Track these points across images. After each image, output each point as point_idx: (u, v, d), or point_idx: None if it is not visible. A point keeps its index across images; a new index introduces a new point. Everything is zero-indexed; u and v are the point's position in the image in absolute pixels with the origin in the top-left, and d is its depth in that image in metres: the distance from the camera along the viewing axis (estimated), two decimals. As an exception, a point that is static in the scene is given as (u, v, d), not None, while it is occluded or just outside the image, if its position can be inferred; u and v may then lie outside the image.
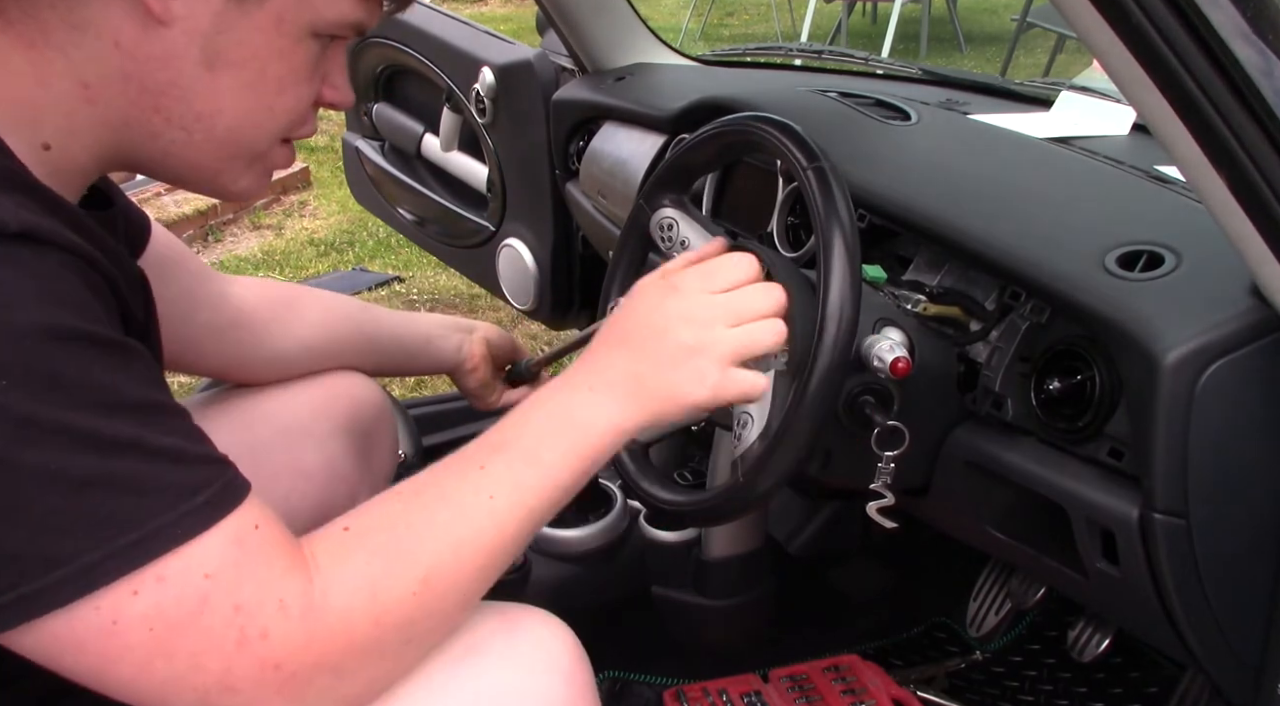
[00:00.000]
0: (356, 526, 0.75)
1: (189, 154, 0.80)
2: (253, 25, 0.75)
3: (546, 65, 1.99)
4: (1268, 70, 0.77)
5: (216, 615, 0.66)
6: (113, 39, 0.73)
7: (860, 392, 1.05)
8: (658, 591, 1.54)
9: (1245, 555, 0.95)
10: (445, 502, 0.77)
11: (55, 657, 0.66)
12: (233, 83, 0.77)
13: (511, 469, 0.81)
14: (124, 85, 0.75)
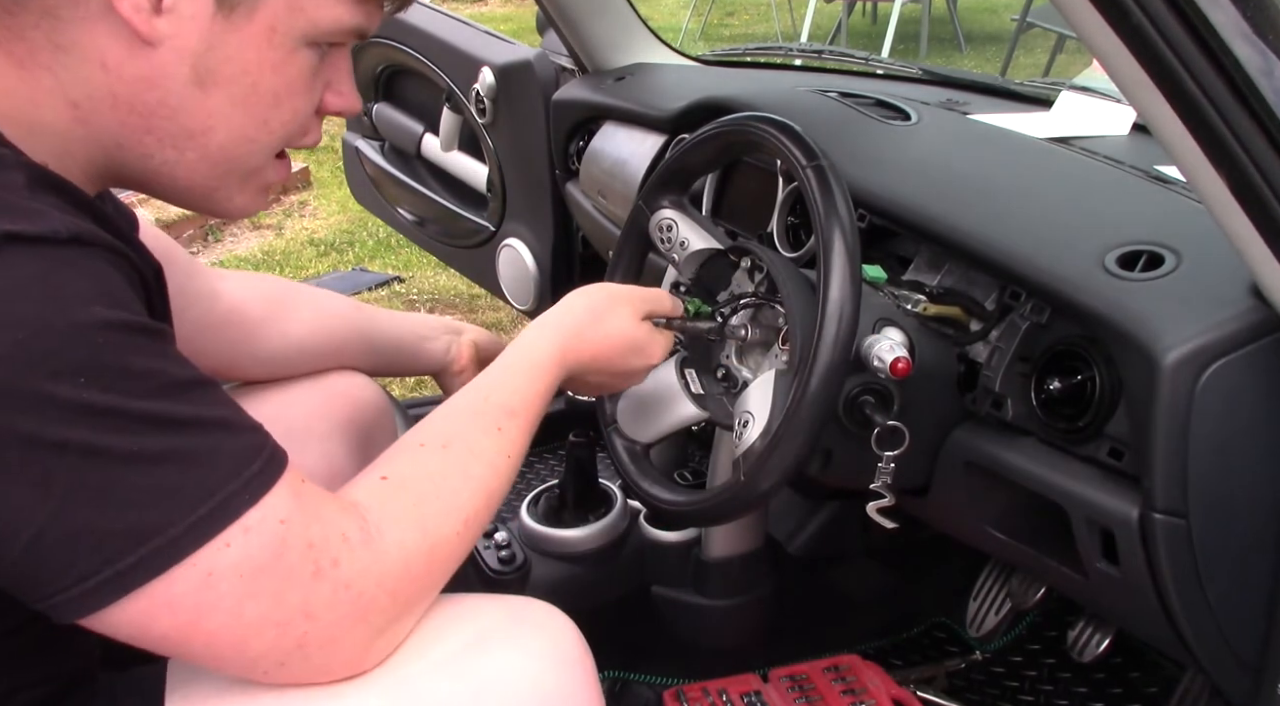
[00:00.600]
0: (394, 475, 0.83)
1: (182, 173, 0.79)
2: (243, 40, 0.74)
3: (546, 65, 1.99)
4: (1268, 70, 0.77)
5: (294, 553, 0.72)
6: (99, 60, 0.72)
7: (860, 392, 1.05)
8: (658, 591, 1.54)
9: (1245, 555, 0.95)
10: (477, 459, 0.86)
11: (145, 625, 0.69)
12: (225, 99, 0.76)
13: (522, 434, 0.91)
14: (113, 106, 0.74)
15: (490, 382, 0.93)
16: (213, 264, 3.66)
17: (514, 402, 0.92)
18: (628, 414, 1.20)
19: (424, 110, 2.27)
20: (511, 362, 0.96)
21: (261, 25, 0.74)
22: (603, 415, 1.22)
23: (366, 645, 0.77)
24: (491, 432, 0.88)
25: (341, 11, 0.77)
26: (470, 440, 0.87)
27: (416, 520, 0.80)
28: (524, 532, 1.55)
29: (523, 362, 0.96)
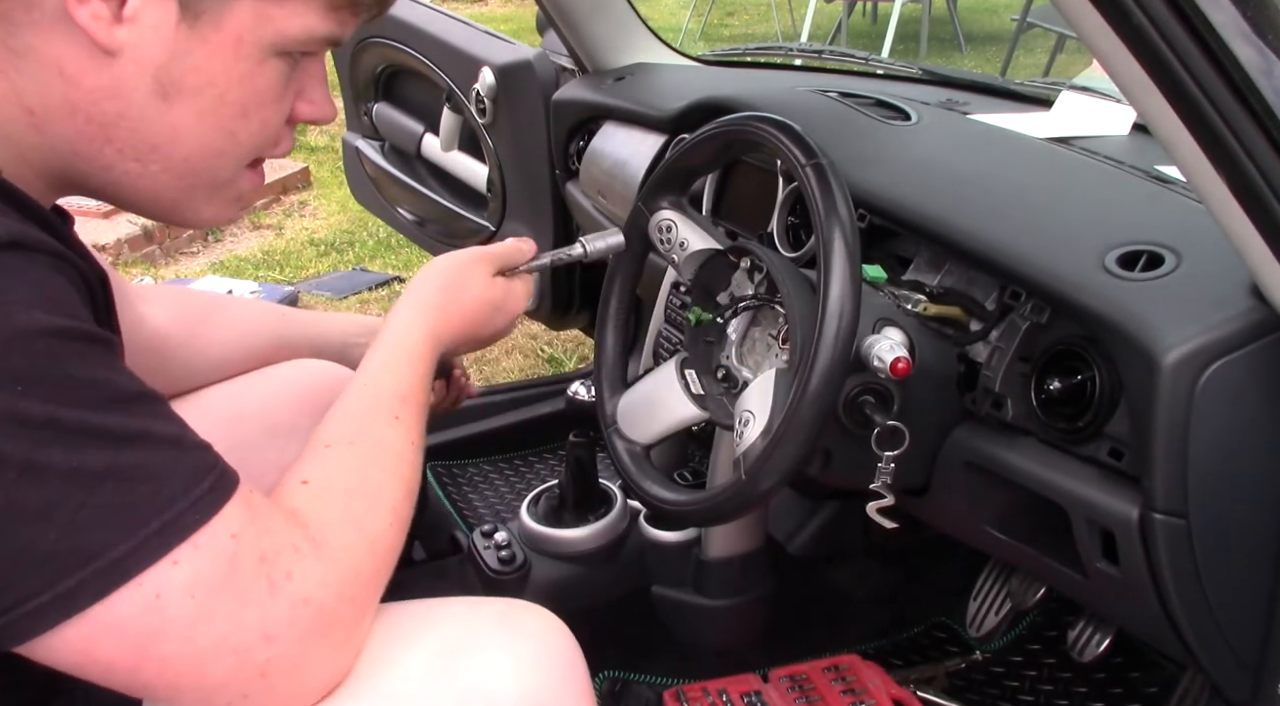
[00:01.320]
0: (315, 479, 0.80)
1: (145, 185, 0.77)
2: (209, 50, 0.71)
3: (546, 65, 1.99)
4: (1268, 70, 0.77)
5: (247, 568, 0.69)
6: (55, 67, 0.70)
7: (860, 393, 1.05)
8: (658, 591, 1.54)
9: (1245, 555, 0.95)
10: (386, 451, 0.85)
11: (89, 652, 0.66)
12: (189, 111, 0.73)
13: (418, 419, 0.90)
14: (70, 114, 0.71)
15: (375, 375, 0.92)
16: (212, 264, 3.66)
17: (403, 389, 0.91)
18: (628, 415, 1.20)
19: (424, 110, 2.27)
20: (389, 353, 0.94)
21: (229, 35, 0.71)
22: (603, 416, 1.22)
23: (332, 663, 0.74)
24: (391, 423, 0.87)
25: (313, 21, 0.74)
26: (374, 434, 0.86)
27: (352, 520, 0.78)
28: (524, 533, 1.55)
29: (400, 351, 0.95)
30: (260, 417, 1.19)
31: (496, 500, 2.04)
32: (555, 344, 2.96)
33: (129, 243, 3.62)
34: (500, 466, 2.17)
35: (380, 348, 0.94)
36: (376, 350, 0.94)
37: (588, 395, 1.94)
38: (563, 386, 2.10)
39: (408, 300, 1.00)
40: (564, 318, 2.22)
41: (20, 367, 0.62)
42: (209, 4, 0.70)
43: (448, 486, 2.05)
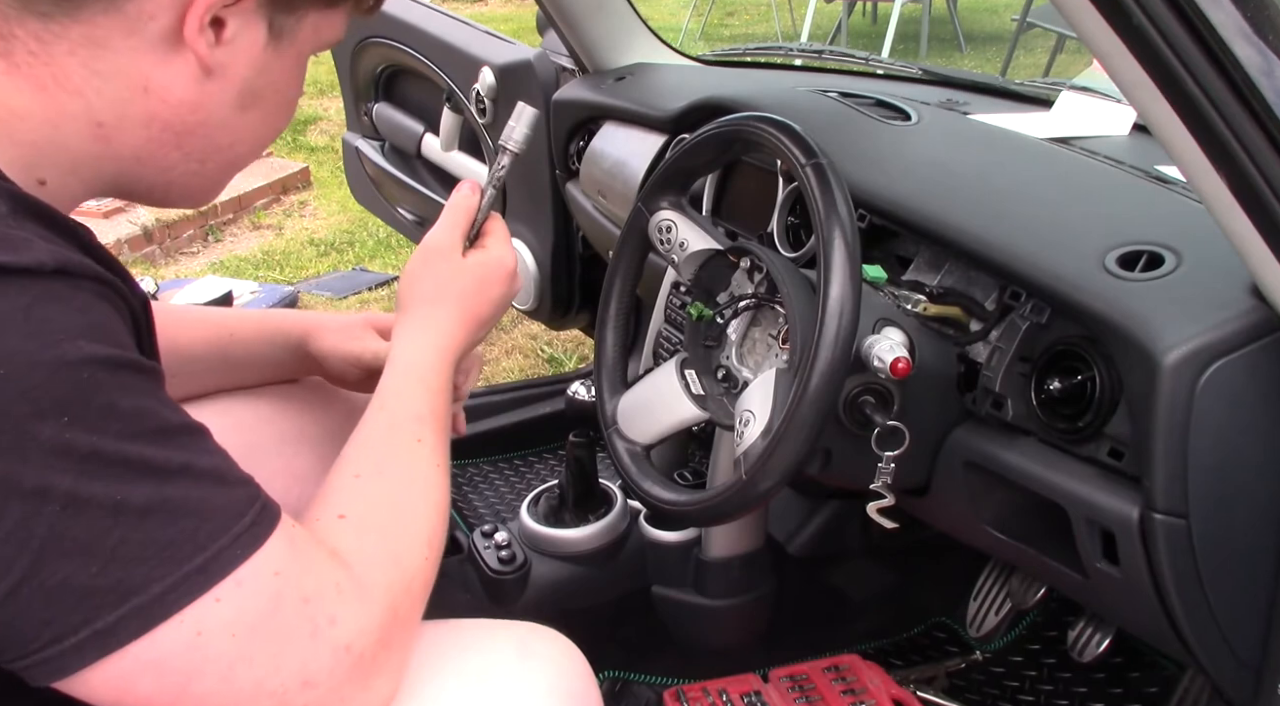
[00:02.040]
0: (351, 513, 0.79)
1: (194, 181, 0.82)
2: (283, 64, 0.79)
3: (546, 65, 1.99)
4: (1268, 70, 0.77)
5: (289, 609, 0.68)
6: (141, 86, 0.73)
7: (860, 392, 1.05)
8: (658, 591, 1.54)
9: (1245, 555, 0.95)
10: (413, 478, 0.85)
11: (127, 690, 0.65)
12: (258, 117, 0.80)
13: (438, 436, 0.90)
14: (146, 124, 0.75)
15: (391, 399, 0.91)
16: (213, 264, 3.66)
17: (420, 410, 0.90)
18: (628, 415, 1.20)
19: (424, 110, 2.27)
20: (400, 376, 0.94)
21: (296, 49, 0.79)
22: (603, 416, 1.22)
23: (369, 695, 0.73)
24: (414, 447, 0.87)
25: (339, 31, 0.82)
26: (401, 461, 0.85)
27: (391, 557, 0.77)
28: (524, 533, 1.55)
29: (410, 371, 0.94)
30: (272, 424, 1.19)
31: (496, 500, 2.04)
32: (555, 344, 2.96)
33: (129, 242, 3.62)
34: (500, 466, 2.17)
35: (391, 371, 0.94)
36: (388, 373, 0.93)
37: (588, 395, 1.94)
38: (563, 386, 2.10)
39: (404, 317, 0.99)
40: (564, 318, 2.22)
41: (66, 398, 0.62)
42: (291, 23, 0.77)
43: (448, 486, 2.05)
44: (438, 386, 0.93)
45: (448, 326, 0.98)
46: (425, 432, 0.88)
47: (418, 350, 0.95)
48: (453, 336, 0.98)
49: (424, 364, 0.94)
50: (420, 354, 0.95)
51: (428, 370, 0.94)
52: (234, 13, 0.73)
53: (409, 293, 1.00)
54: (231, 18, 0.73)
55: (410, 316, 0.99)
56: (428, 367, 0.94)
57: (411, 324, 0.98)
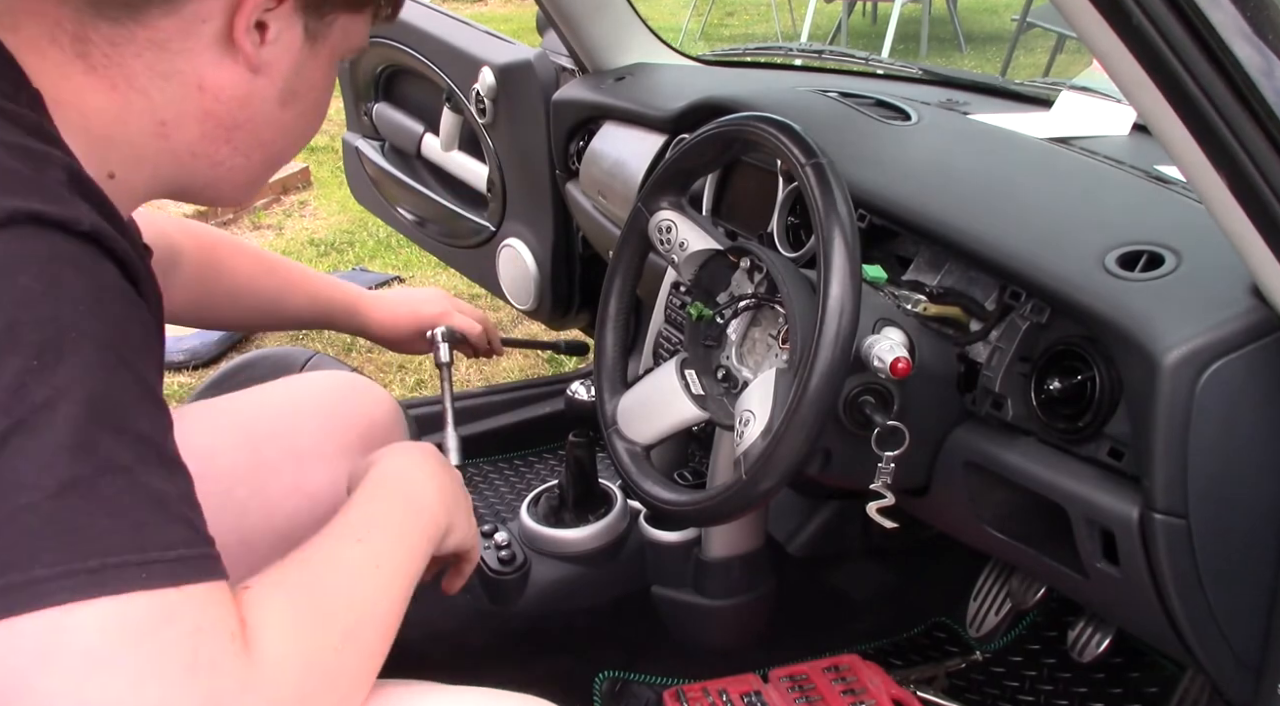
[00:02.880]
0: (261, 588, 0.73)
1: (239, 176, 0.88)
2: (317, 63, 0.85)
3: (546, 65, 1.99)
4: (1268, 70, 0.77)
5: (171, 635, 0.62)
6: (196, 84, 0.80)
7: (860, 392, 1.05)
8: (658, 591, 1.54)
9: (1245, 555, 0.95)
10: (340, 568, 0.79)
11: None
12: (297, 113, 0.86)
13: (387, 542, 0.84)
14: (201, 122, 0.82)
15: (360, 495, 0.89)
16: (213, 264, 3.65)
17: (370, 511, 0.87)
18: (628, 415, 1.20)
19: (424, 110, 2.27)
20: (373, 479, 0.92)
21: (328, 49, 0.85)
22: (603, 417, 1.22)
23: None
24: (350, 544, 0.82)
25: (364, 35, 0.89)
26: (330, 551, 0.80)
27: (295, 633, 0.71)
28: (524, 533, 1.55)
29: (375, 481, 0.92)
30: (281, 439, 1.19)
31: (496, 500, 2.04)
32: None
33: (129, 243, 3.62)
34: (500, 466, 2.17)
35: (366, 481, 0.91)
36: (362, 484, 0.91)
37: (587, 395, 1.94)
38: (563, 386, 2.10)
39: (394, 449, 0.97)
40: (564, 318, 2.22)
41: (43, 346, 0.62)
42: (321, 26, 0.84)
43: (448, 486, 2.05)
44: (408, 508, 0.90)
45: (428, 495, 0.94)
46: (371, 536, 0.83)
47: (400, 465, 0.94)
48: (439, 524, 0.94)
49: (398, 477, 0.92)
50: (398, 467, 0.94)
51: (386, 488, 0.91)
52: (275, 16, 0.80)
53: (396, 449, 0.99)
54: (273, 20, 0.80)
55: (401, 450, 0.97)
56: (400, 482, 0.92)
57: (399, 452, 0.97)
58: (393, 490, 0.92)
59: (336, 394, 1.25)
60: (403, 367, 2.84)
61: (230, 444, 1.13)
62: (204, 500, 0.71)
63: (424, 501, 0.93)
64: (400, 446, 0.99)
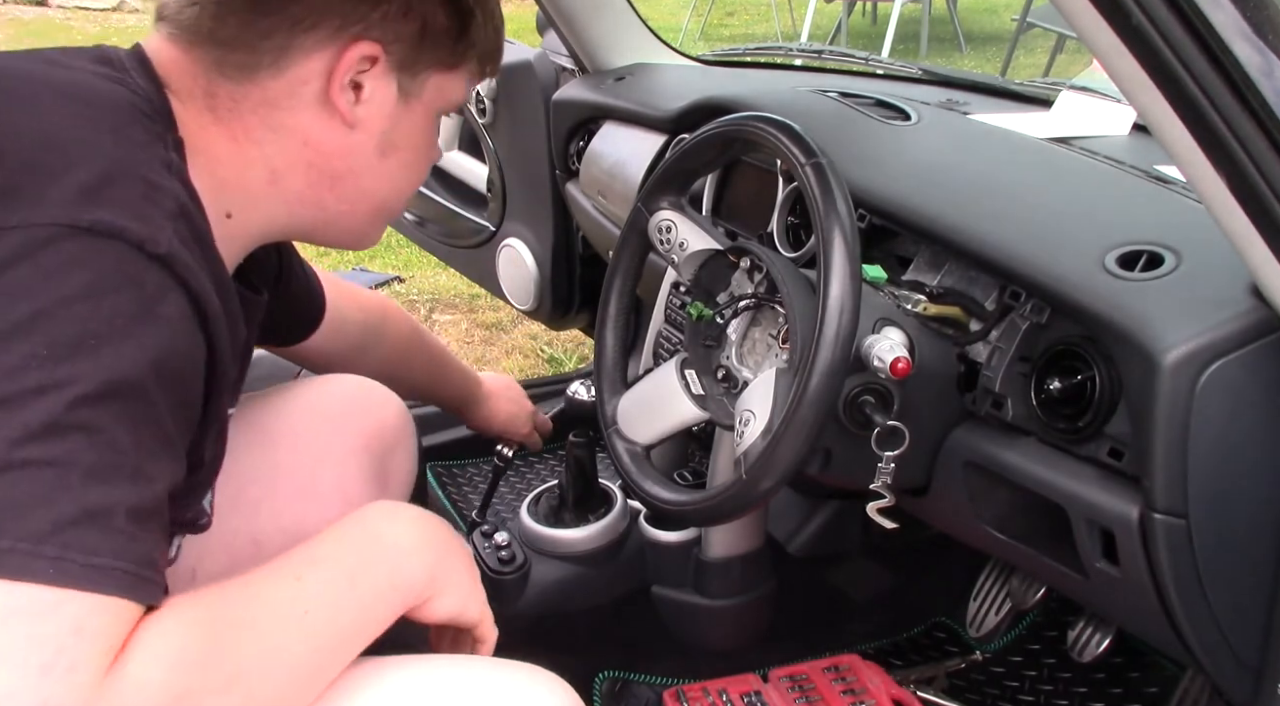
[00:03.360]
0: (166, 610, 0.70)
1: (346, 222, 0.96)
2: (413, 118, 0.92)
3: (546, 65, 1.99)
4: (1268, 70, 0.77)
5: (53, 626, 0.63)
6: (302, 137, 0.88)
7: (860, 392, 1.05)
8: (658, 591, 1.54)
9: (1245, 555, 0.95)
10: (261, 605, 0.75)
11: None
12: (397, 164, 0.94)
13: (326, 588, 0.79)
14: (306, 171, 0.90)
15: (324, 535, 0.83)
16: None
17: (318, 553, 0.81)
18: (628, 415, 1.20)
19: (424, 110, 2.27)
20: (347, 520, 0.86)
21: (424, 105, 0.93)
22: (603, 417, 1.22)
23: None
24: (285, 582, 0.77)
25: (462, 91, 0.96)
26: (259, 587, 0.76)
27: (174, 659, 0.67)
28: (524, 533, 1.55)
29: (353, 522, 0.85)
30: (292, 440, 1.20)
31: (496, 500, 2.04)
32: (555, 344, 2.97)
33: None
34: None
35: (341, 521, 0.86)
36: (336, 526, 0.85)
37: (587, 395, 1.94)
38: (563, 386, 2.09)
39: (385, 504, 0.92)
40: (564, 318, 2.22)
41: (61, 342, 0.66)
42: (415, 85, 0.91)
43: (447, 486, 2.05)
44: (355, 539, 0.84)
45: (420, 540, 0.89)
46: (310, 575, 0.78)
47: (378, 514, 0.88)
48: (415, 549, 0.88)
49: (370, 524, 0.86)
50: (375, 515, 0.88)
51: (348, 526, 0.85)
52: (369, 76, 0.88)
53: None
54: (367, 80, 0.88)
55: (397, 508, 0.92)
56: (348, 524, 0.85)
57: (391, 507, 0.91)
58: (360, 537, 0.85)
59: (346, 397, 1.26)
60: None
61: (242, 445, 1.14)
62: (219, 498, 0.72)
63: (397, 558, 0.85)
64: (397, 505, 0.92)
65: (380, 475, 1.25)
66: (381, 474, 1.26)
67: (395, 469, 1.29)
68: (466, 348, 3.00)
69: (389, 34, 0.88)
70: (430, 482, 2.02)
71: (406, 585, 0.85)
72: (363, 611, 0.81)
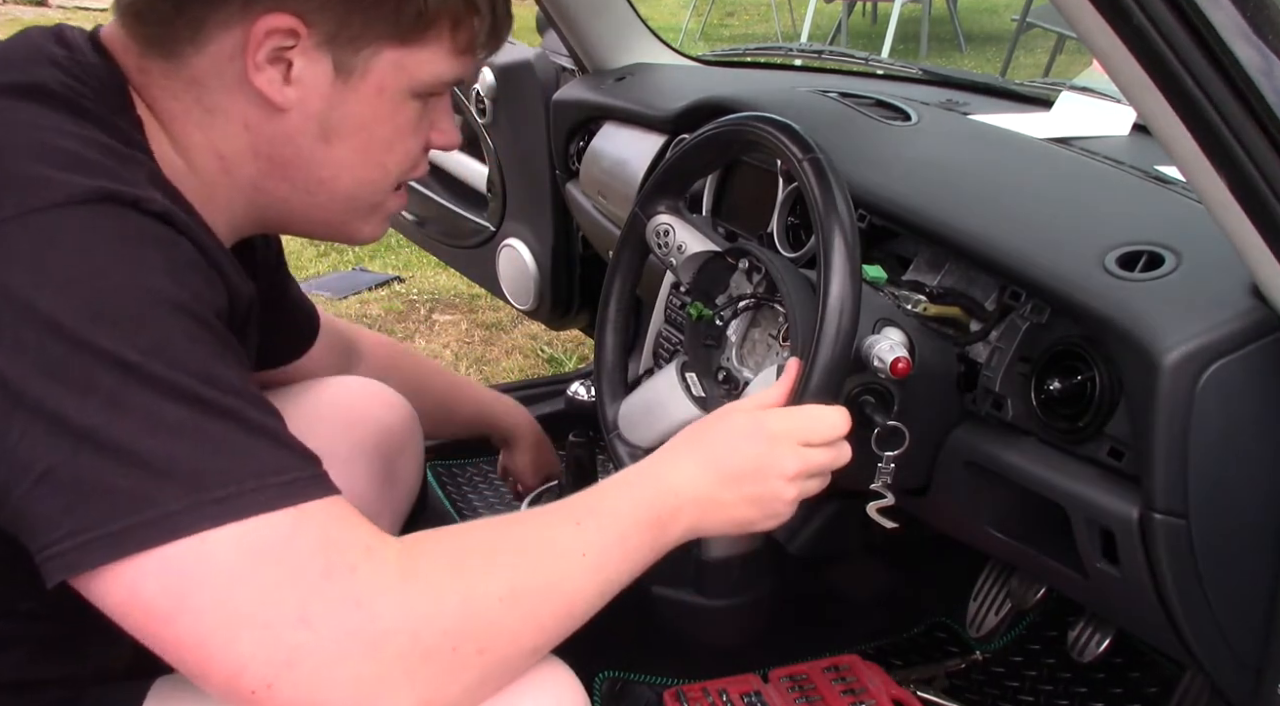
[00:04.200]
0: (450, 532, 0.77)
1: (315, 213, 0.90)
2: (358, 99, 0.84)
3: (546, 65, 1.99)
4: (1268, 70, 0.77)
5: (306, 545, 0.68)
6: (241, 121, 0.83)
7: (860, 392, 1.05)
8: (658, 591, 1.53)
9: (1245, 555, 0.95)
10: (542, 539, 0.79)
11: (132, 594, 0.66)
12: (348, 150, 0.86)
13: (604, 537, 0.81)
14: (254, 159, 0.85)
15: (581, 493, 0.85)
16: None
17: (599, 505, 0.83)
18: (629, 419, 1.20)
19: (424, 110, 2.27)
20: (619, 476, 0.89)
21: (373, 85, 0.84)
22: (604, 422, 1.22)
23: (373, 688, 0.67)
24: (567, 524, 0.80)
25: (441, 68, 0.86)
26: (543, 523, 0.80)
27: (456, 564, 0.73)
28: (524, 533, 1.55)
29: (622, 478, 0.88)
30: (301, 439, 1.18)
31: (496, 500, 2.04)
32: (555, 344, 2.97)
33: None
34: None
35: (616, 476, 0.88)
36: (607, 481, 0.87)
37: (587, 395, 1.94)
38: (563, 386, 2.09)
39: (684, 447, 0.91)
40: (564, 318, 2.22)
41: (130, 315, 0.67)
42: (356, 62, 0.82)
43: (447, 486, 2.05)
44: (638, 501, 0.85)
45: (712, 512, 0.90)
46: (591, 523, 0.81)
47: (639, 471, 0.89)
48: (680, 474, 0.89)
49: (634, 481, 0.88)
50: (637, 473, 0.89)
51: (635, 487, 0.87)
52: (296, 53, 0.80)
53: (721, 437, 0.93)
54: (295, 57, 0.80)
55: (699, 467, 0.90)
56: (634, 484, 0.87)
57: (656, 455, 0.92)
58: (644, 494, 0.86)
59: (352, 397, 1.26)
60: (403, 368, 2.84)
61: None
62: None
63: (668, 519, 0.86)
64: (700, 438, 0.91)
65: (388, 476, 1.25)
66: (389, 475, 1.25)
67: (402, 470, 1.29)
68: (466, 347, 3.00)
69: (310, 4, 0.79)
70: (430, 482, 2.02)
71: (660, 552, 0.86)
72: (624, 568, 0.83)
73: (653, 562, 0.86)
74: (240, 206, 0.88)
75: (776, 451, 0.91)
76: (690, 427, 0.94)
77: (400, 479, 1.29)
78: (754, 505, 0.92)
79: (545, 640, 0.77)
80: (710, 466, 0.90)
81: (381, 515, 1.23)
